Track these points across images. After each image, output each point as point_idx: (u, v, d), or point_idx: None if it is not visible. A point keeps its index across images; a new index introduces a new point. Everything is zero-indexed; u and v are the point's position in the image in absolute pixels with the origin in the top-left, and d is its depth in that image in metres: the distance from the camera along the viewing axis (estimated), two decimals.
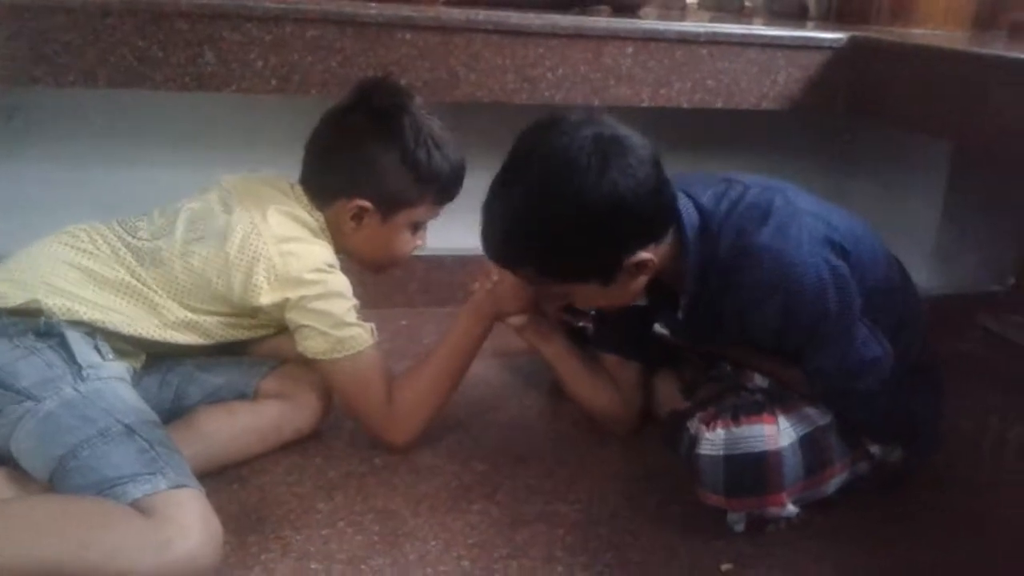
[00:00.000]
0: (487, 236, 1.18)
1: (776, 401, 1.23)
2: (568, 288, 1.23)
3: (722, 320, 1.23)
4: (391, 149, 1.29)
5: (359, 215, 1.31)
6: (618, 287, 1.19)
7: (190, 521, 1.01)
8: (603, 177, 1.09)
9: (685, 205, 1.21)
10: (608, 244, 1.15)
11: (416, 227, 1.36)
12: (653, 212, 1.16)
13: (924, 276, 1.93)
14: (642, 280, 1.20)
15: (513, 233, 1.15)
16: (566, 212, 1.10)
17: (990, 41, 1.92)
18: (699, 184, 1.25)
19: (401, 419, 1.32)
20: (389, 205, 1.31)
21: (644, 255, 1.16)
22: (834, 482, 1.25)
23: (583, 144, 1.10)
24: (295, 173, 1.36)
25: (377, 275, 1.41)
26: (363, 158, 1.29)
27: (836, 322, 1.16)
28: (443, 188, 1.33)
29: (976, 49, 1.64)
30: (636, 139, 1.15)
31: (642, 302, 1.29)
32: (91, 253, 1.22)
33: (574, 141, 1.11)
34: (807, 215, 1.19)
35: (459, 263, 1.91)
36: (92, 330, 1.18)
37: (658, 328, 1.34)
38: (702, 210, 1.21)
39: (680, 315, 1.27)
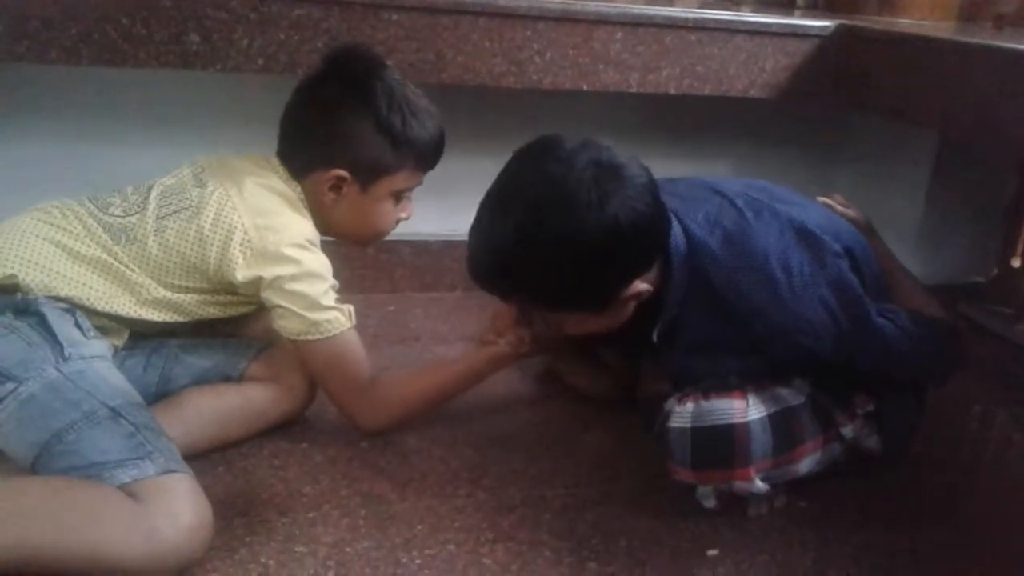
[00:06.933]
0: (477, 263, 1.17)
1: (749, 382, 1.23)
2: (560, 315, 1.23)
3: (699, 346, 1.25)
4: (365, 116, 1.27)
5: (337, 185, 1.29)
6: (609, 314, 1.20)
7: (180, 507, 1.00)
8: (603, 211, 1.08)
9: (674, 229, 1.20)
10: (604, 276, 1.15)
11: (398, 197, 1.34)
12: (650, 243, 1.16)
13: (907, 266, 1.94)
14: (632, 306, 1.21)
15: (505, 263, 1.13)
16: (562, 245, 1.09)
17: (975, 32, 1.93)
18: (690, 202, 1.24)
19: (378, 407, 1.32)
20: (367, 174, 1.29)
21: (640, 285, 1.18)
22: (806, 462, 1.24)
23: (581, 175, 1.09)
24: None
25: (362, 249, 1.40)
26: (338, 127, 1.27)
27: (858, 332, 1.19)
28: (421, 154, 1.31)
29: (962, 39, 1.64)
30: (634, 166, 1.13)
31: None
32: (65, 229, 1.20)
33: (572, 171, 1.09)
34: (803, 244, 1.20)
35: (445, 247, 1.90)
36: (71, 306, 1.16)
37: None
38: (692, 238, 1.20)
39: (655, 336, 1.27)
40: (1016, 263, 2.03)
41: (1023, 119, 1.43)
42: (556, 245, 1.09)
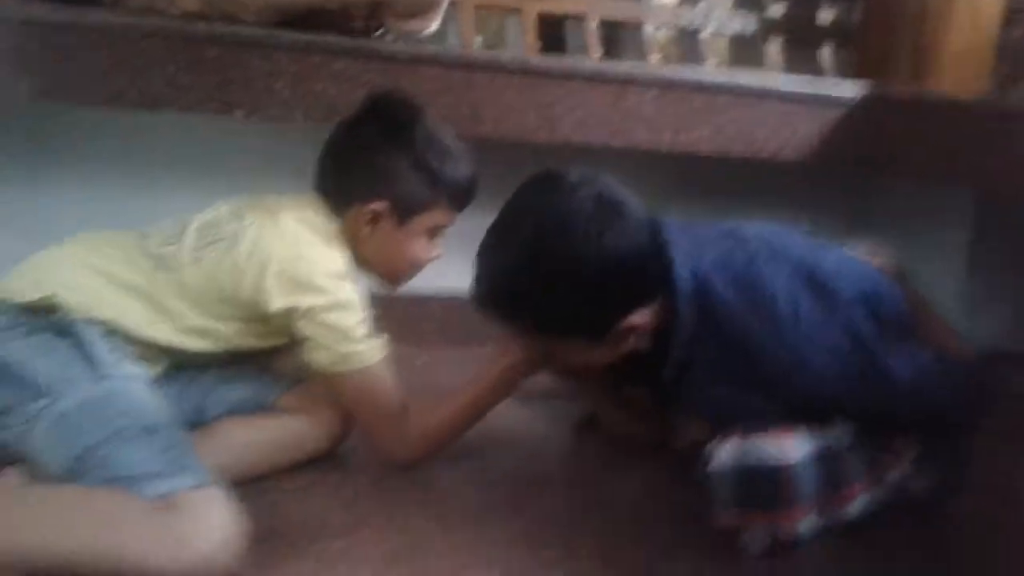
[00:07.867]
0: (479, 288, 1.20)
1: (792, 422, 1.19)
2: (556, 344, 1.25)
3: (715, 392, 1.23)
4: (405, 154, 1.30)
5: (375, 219, 1.30)
6: (606, 346, 1.21)
7: (213, 520, 0.98)
8: (600, 241, 1.12)
9: (681, 269, 1.20)
10: (600, 305, 1.17)
11: (431, 234, 1.36)
12: (646, 277, 1.18)
13: None
14: (631, 341, 1.21)
15: (504, 288, 1.18)
16: (559, 273, 1.13)
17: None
18: (702, 243, 1.25)
19: (414, 438, 1.30)
20: (404, 208, 1.31)
21: (636, 319, 1.19)
22: (854, 504, 1.20)
23: (581, 207, 1.13)
24: None
25: (395, 286, 1.41)
26: (377, 164, 1.30)
27: (868, 377, 1.18)
28: (456, 193, 1.34)
29: (995, 100, 1.65)
30: (633, 202, 1.17)
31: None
32: (105, 255, 1.21)
33: (572, 203, 1.14)
34: (812, 289, 1.20)
35: None
36: (109, 330, 1.15)
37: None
38: (699, 277, 1.20)
39: (665, 379, 1.25)
40: None
41: None
42: (554, 272, 1.13)
